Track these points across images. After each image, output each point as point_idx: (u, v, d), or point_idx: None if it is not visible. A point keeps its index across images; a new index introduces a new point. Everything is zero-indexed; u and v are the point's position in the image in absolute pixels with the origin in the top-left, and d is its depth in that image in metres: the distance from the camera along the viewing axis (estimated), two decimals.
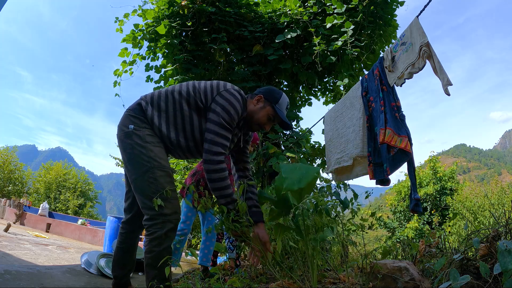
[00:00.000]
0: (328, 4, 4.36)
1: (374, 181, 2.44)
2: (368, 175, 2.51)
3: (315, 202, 1.63)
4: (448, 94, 1.87)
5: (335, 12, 4.23)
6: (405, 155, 2.17)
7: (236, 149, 1.91)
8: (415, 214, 13.05)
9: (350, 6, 4.17)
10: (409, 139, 2.17)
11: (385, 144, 2.23)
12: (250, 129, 1.84)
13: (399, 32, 4.73)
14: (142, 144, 1.62)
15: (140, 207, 1.65)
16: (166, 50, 4.66)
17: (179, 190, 2.86)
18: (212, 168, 1.58)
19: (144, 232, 1.68)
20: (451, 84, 1.84)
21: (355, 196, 2.05)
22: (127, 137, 1.65)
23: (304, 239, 1.57)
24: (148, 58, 4.89)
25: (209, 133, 1.60)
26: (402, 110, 2.29)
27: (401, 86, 2.26)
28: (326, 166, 3.34)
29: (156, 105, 1.70)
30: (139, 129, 1.64)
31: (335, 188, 2.46)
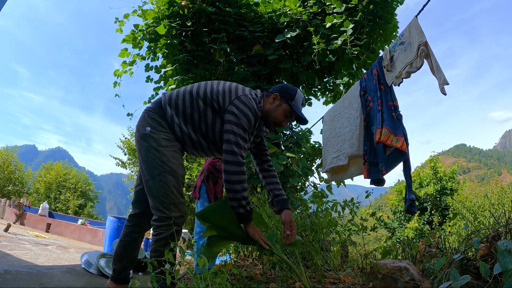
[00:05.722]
0: (327, 3, 4.36)
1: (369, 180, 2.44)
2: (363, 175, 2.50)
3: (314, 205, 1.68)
4: (445, 94, 1.87)
5: (334, 11, 4.24)
6: (401, 155, 2.17)
7: (254, 145, 1.96)
8: (415, 214, 13.05)
9: (349, 5, 4.17)
10: (405, 139, 2.16)
11: (381, 144, 2.23)
12: (267, 127, 1.89)
13: (399, 32, 4.73)
14: (157, 148, 1.67)
15: (150, 207, 1.72)
16: (166, 50, 4.66)
17: (191, 193, 2.92)
18: (233, 169, 1.60)
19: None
20: (448, 84, 1.84)
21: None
22: (143, 139, 1.71)
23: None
24: (148, 59, 4.89)
25: (230, 134, 1.62)
26: (399, 109, 2.29)
27: (398, 85, 2.26)
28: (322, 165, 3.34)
29: (174, 104, 1.75)
30: (155, 132, 1.70)
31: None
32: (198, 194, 2.90)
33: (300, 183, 4.60)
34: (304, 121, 1.84)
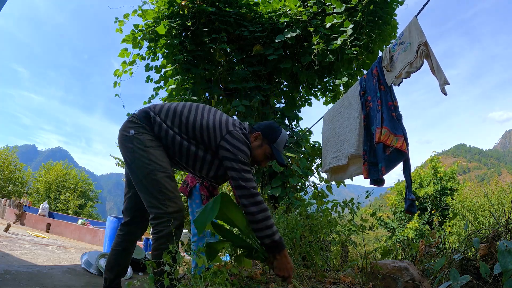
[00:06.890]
0: (327, 3, 4.36)
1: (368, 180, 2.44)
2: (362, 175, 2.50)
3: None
4: (445, 94, 1.87)
5: (334, 11, 4.24)
6: (401, 155, 2.17)
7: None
8: (415, 214, 13.05)
9: (349, 5, 4.17)
10: (405, 139, 2.16)
11: (381, 144, 2.23)
12: None
13: (398, 32, 4.73)
14: (143, 148, 1.66)
15: (146, 207, 1.69)
16: (166, 50, 4.66)
17: (179, 188, 2.87)
18: (248, 202, 1.56)
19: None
20: (448, 84, 1.84)
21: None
22: (128, 141, 1.70)
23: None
24: (148, 59, 4.89)
25: (232, 171, 1.60)
26: (399, 109, 2.29)
27: (398, 85, 2.26)
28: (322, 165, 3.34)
29: (163, 117, 1.73)
30: (139, 134, 1.69)
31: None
32: (190, 193, 2.89)
33: (300, 183, 4.60)
34: (283, 165, 1.78)
